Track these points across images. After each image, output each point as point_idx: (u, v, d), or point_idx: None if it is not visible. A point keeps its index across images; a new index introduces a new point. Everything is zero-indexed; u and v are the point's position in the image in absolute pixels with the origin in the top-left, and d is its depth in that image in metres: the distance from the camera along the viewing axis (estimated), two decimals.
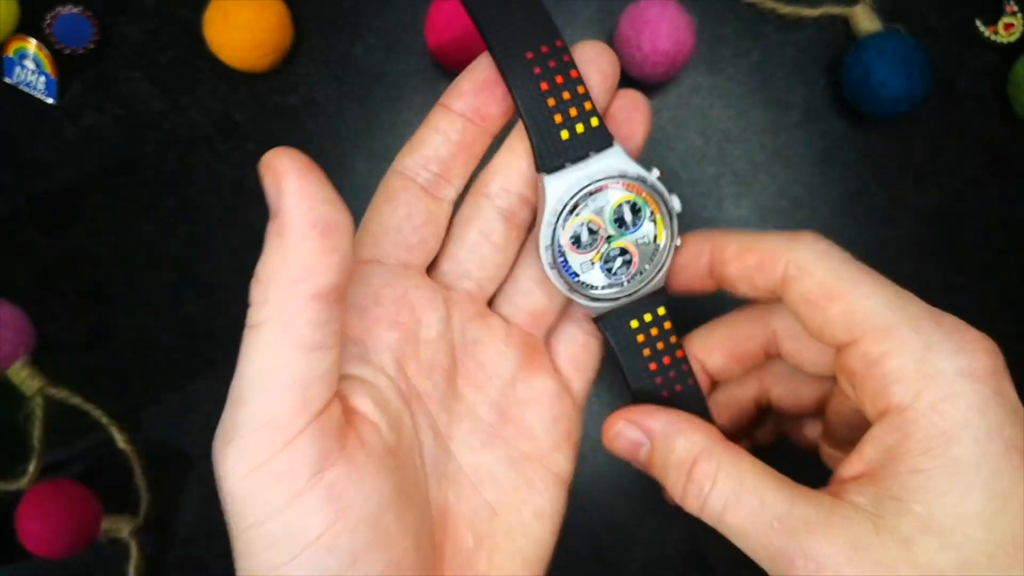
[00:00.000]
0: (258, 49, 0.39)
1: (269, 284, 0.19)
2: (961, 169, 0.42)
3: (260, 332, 0.19)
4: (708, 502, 0.23)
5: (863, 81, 0.39)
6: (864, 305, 0.22)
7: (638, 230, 0.27)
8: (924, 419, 0.20)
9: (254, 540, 0.20)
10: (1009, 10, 0.42)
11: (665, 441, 0.24)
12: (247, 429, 0.20)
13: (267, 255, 0.20)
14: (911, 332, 0.22)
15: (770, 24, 0.42)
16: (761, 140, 0.42)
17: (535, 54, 0.25)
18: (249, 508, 0.20)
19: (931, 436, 0.20)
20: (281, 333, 0.19)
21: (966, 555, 0.20)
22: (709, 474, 0.23)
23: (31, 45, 0.41)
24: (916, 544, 0.20)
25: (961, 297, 0.42)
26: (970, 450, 0.20)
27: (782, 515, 0.21)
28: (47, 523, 0.37)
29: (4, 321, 0.39)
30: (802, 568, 0.20)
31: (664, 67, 0.38)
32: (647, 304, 0.27)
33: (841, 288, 0.22)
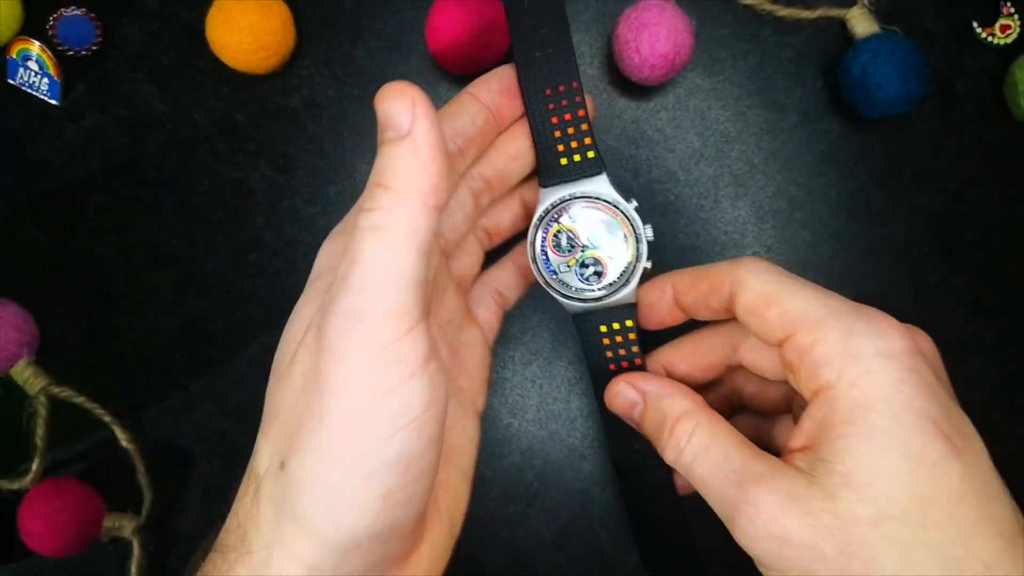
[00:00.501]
0: (260, 51, 0.39)
1: (400, 194, 0.22)
2: (959, 170, 0.42)
3: (387, 234, 0.22)
4: (683, 454, 0.27)
5: (861, 83, 0.39)
6: (795, 306, 0.26)
7: (610, 247, 0.31)
8: (846, 394, 0.24)
9: (357, 417, 0.22)
10: (1006, 11, 0.42)
11: (656, 401, 0.29)
12: (375, 315, 0.22)
13: (396, 169, 0.22)
14: (835, 323, 0.25)
15: (768, 26, 0.42)
16: (759, 141, 0.42)
17: (553, 92, 0.31)
18: (365, 385, 0.22)
19: (852, 408, 0.24)
20: (409, 237, 0.22)
21: (880, 508, 0.23)
22: (687, 430, 0.27)
23: (34, 47, 0.41)
24: (838, 497, 0.23)
25: (959, 297, 0.42)
26: (885, 418, 0.23)
27: (737, 469, 0.25)
28: (49, 522, 0.38)
29: (7, 321, 0.40)
30: (744, 513, 0.24)
31: (663, 69, 0.38)
32: (616, 315, 0.31)
33: (775, 295, 0.26)
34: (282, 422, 0.23)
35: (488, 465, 0.41)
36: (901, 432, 0.23)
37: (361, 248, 0.22)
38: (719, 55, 0.42)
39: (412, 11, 0.42)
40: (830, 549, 0.23)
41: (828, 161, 0.42)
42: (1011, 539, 0.23)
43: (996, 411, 0.42)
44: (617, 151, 0.42)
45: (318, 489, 0.22)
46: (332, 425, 0.22)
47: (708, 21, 0.42)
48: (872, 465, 0.23)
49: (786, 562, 0.24)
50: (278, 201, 0.42)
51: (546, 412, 0.42)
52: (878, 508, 0.23)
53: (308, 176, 0.42)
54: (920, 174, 0.42)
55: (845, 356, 0.24)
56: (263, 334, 0.42)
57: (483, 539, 0.41)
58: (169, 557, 0.41)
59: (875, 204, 0.42)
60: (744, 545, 0.25)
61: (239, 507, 0.24)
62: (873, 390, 0.24)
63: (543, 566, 0.41)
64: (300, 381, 0.23)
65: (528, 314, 0.42)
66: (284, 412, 0.23)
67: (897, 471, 0.23)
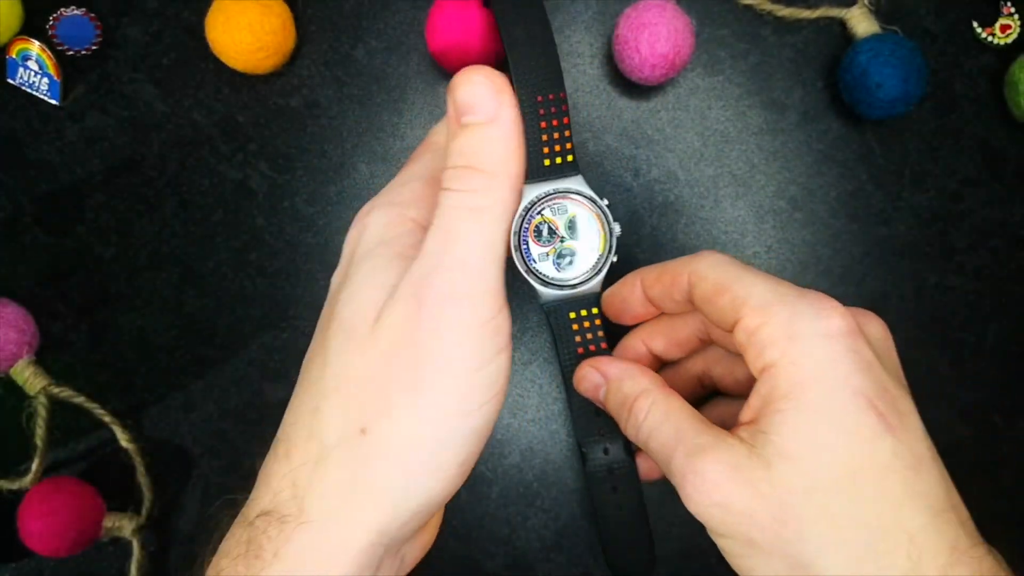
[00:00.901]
0: (260, 51, 0.39)
1: (497, 174, 0.23)
2: (957, 170, 0.42)
3: (484, 215, 0.23)
4: (640, 430, 0.29)
5: (860, 83, 0.39)
6: (744, 292, 0.27)
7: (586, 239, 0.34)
8: (786, 371, 0.25)
9: (453, 388, 0.23)
10: (1006, 11, 0.42)
11: (617, 383, 0.30)
12: (478, 293, 0.23)
13: (487, 152, 0.23)
14: (779, 306, 0.26)
15: (768, 26, 0.42)
16: (759, 141, 0.42)
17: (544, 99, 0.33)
18: (464, 359, 0.23)
19: (791, 384, 0.25)
20: (501, 219, 0.23)
21: (812, 478, 0.24)
22: (644, 408, 0.29)
23: (34, 47, 0.41)
24: (775, 467, 0.24)
25: (959, 297, 0.42)
26: (820, 394, 0.25)
27: (686, 441, 0.26)
28: (50, 521, 0.38)
29: (7, 320, 0.40)
30: (690, 482, 0.26)
31: (663, 69, 0.38)
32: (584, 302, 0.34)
33: (727, 283, 0.28)
34: (357, 390, 0.23)
35: (488, 465, 0.41)
36: (835, 407, 0.24)
37: (458, 228, 0.23)
38: (719, 55, 0.42)
39: (412, 11, 0.42)
40: (766, 516, 0.24)
41: (828, 161, 0.42)
42: (938, 512, 0.24)
43: (996, 411, 0.42)
44: (617, 151, 0.42)
45: (408, 455, 0.23)
46: (430, 395, 0.22)
47: (708, 21, 0.42)
48: (806, 438, 0.24)
49: (729, 528, 0.25)
50: (278, 201, 0.42)
51: (546, 412, 0.42)
52: (810, 479, 0.24)
53: (308, 176, 0.42)
54: (919, 174, 0.42)
55: (787, 336, 0.25)
56: (263, 334, 0.42)
57: (483, 539, 0.41)
58: (169, 557, 0.41)
59: (875, 204, 0.42)
60: (693, 512, 0.26)
61: (296, 476, 0.23)
62: (811, 368, 0.25)
63: (543, 566, 0.41)
64: (389, 351, 0.23)
65: (528, 314, 0.42)
66: (359, 380, 0.23)
67: (829, 444, 0.24)
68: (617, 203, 0.42)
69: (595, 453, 0.36)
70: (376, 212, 0.26)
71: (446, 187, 0.23)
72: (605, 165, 0.42)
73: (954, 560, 0.23)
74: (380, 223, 0.26)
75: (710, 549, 0.42)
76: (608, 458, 0.35)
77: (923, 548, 0.23)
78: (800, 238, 0.42)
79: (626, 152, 0.42)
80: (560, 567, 0.41)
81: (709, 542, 0.43)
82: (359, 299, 0.24)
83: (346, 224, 0.42)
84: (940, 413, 0.42)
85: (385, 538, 0.23)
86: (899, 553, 0.23)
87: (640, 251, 0.42)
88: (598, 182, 0.42)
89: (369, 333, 0.23)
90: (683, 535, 0.41)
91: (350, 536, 0.22)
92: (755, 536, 0.25)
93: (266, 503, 0.23)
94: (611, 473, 0.36)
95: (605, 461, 0.35)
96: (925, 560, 0.23)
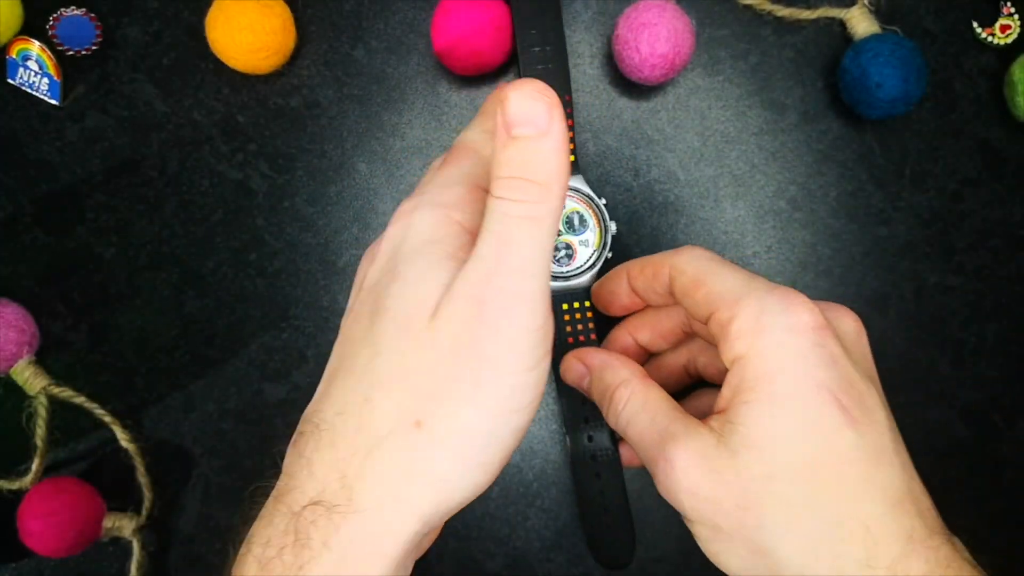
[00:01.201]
0: (260, 51, 0.39)
1: (551, 186, 0.24)
2: (957, 170, 0.42)
3: (540, 224, 0.24)
4: (619, 418, 0.30)
5: (860, 83, 0.39)
6: (718, 287, 0.28)
7: (582, 234, 0.37)
8: (753, 364, 0.26)
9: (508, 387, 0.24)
10: (1006, 11, 0.42)
11: (599, 373, 0.32)
12: (534, 297, 0.24)
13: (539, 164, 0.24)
14: (751, 300, 0.27)
15: (768, 26, 0.42)
16: (759, 141, 0.42)
17: None
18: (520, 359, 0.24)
19: (757, 376, 0.26)
20: (553, 228, 0.24)
21: (773, 467, 0.25)
22: (623, 397, 0.30)
23: (34, 47, 0.41)
24: (739, 455, 0.26)
25: (959, 297, 0.42)
26: (785, 387, 0.26)
27: (660, 430, 0.28)
28: (50, 521, 0.38)
29: (8, 320, 0.40)
30: (662, 468, 0.27)
31: (663, 69, 0.38)
32: (576, 295, 0.37)
33: (703, 278, 0.29)
34: (414, 383, 0.23)
35: None
36: (799, 400, 0.25)
37: (514, 235, 0.24)
38: (719, 55, 0.42)
39: (412, 11, 0.42)
40: (729, 503, 0.25)
41: (828, 161, 0.42)
42: (896, 503, 0.25)
43: (996, 411, 0.42)
44: (617, 151, 0.42)
45: (461, 448, 0.23)
46: (487, 392, 0.23)
47: (708, 21, 0.42)
48: (770, 428, 0.25)
49: (697, 514, 0.27)
50: (278, 201, 0.42)
51: (546, 412, 0.42)
52: (772, 467, 0.25)
53: (308, 176, 0.42)
54: (919, 174, 0.42)
55: (755, 330, 0.26)
56: (263, 334, 0.42)
57: (483, 539, 0.41)
58: (169, 557, 0.41)
59: (875, 204, 0.42)
60: (665, 498, 0.27)
61: (345, 466, 0.23)
62: (777, 361, 0.26)
63: (543, 566, 0.41)
64: (448, 347, 0.23)
65: None
66: (417, 373, 0.23)
67: (791, 435, 0.25)
68: (617, 203, 0.42)
69: (580, 440, 0.37)
70: (421, 211, 0.26)
71: (499, 196, 0.24)
72: (605, 165, 0.42)
73: (909, 549, 0.24)
74: (427, 222, 0.26)
75: None
76: (592, 445, 0.37)
77: (878, 537, 0.24)
78: (800, 238, 0.42)
79: (626, 152, 0.42)
80: (560, 567, 0.41)
81: None
82: (413, 294, 0.24)
83: (346, 224, 0.42)
84: (940, 413, 0.42)
85: (427, 527, 0.23)
86: (855, 541, 0.24)
87: (640, 251, 0.42)
88: (598, 182, 0.42)
89: (426, 328, 0.24)
90: (683, 535, 0.41)
91: (400, 526, 0.23)
92: (720, 522, 0.26)
93: (313, 493, 0.23)
94: (594, 460, 0.37)
95: (589, 448, 0.37)
96: (880, 549, 0.24)
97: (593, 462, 0.37)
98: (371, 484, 0.23)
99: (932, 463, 0.42)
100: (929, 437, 0.42)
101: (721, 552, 0.27)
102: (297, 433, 0.25)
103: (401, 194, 0.42)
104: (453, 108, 0.42)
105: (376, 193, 0.42)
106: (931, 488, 0.27)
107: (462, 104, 0.42)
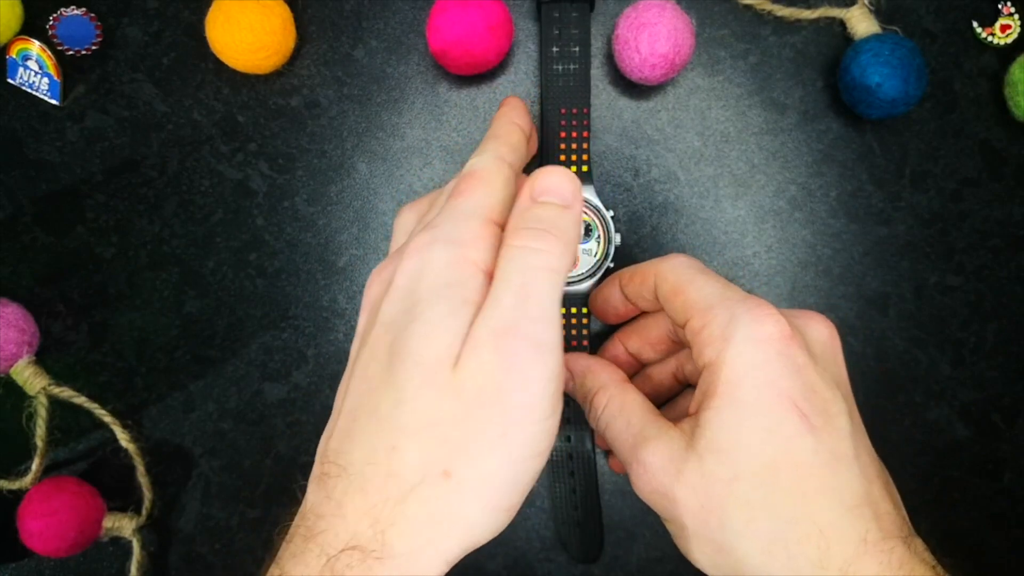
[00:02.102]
0: (260, 51, 0.39)
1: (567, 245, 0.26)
2: (957, 170, 0.42)
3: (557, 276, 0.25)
4: (599, 421, 0.31)
5: (860, 83, 0.39)
6: (695, 295, 0.30)
7: (587, 243, 0.38)
8: (720, 371, 0.27)
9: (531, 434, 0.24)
10: (1006, 11, 0.42)
11: (581, 378, 0.33)
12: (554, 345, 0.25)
13: (563, 226, 0.26)
14: (722, 309, 0.28)
15: (768, 26, 0.42)
16: (759, 141, 0.42)
17: (567, 111, 0.38)
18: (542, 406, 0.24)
19: (723, 383, 0.27)
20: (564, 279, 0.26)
21: (736, 470, 0.26)
22: (602, 402, 0.31)
23: (34, 47, 0.41)
24: (704, 459, 0.27)
25: (959, 297, 0.42)
26: (748, 394, 0.27)
27: (635, 433, 0.29)
28: (49, 522, 0.38)
29: (8, 320, 0.40)
30: (635, 470, 0.29)
31: (663, 69, 0.38)
32: (575, 301, 0.38)
33: (682, 286, 0.30)
34: (441, 433, 0.24)
35: None
36: (761, 407, 0.27)
37: (534, 285, 0.25)
38: (719, 55, 0.42)
39: (412, 11, 0.42)
40: (695, 503, 0.27)
41: (828, 161, 0.42)
42: (851, 508, 0.26)
43: (996, 411, 0.42)
44: (617, 151, 0.42)
45: (487, 495, 0.24)
46: (512, 441, 0.24)
47: (708, 21, 0.42)
48: (733, 433, 0.27)
49: (667, 514, 0.28)
50: (278, 201, 0.42)
51: None
52: (734, 470, 0.26)
53: (308, 176, 0.42)
54: (919, 174, 0.42)
55: (723, 338, 0.28)
56: (263, 334, 0.42)
57: None
58: (169, 557, 0.41)
59: (875, 204, 0.42)
60: (640, 496, 0.29)
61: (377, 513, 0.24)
62: (741, 369, 0.27)
63: (543, 566, 0.41)
64: (473, 397, 0.24)
65: None
66: (443, 423, 0.24)
67: (753, 440, 0.26)
68: (617, 203, 0.42)
69: (559, 439, 0.39)
70: (438, 248, 0.26)
71: (522, 244, 0.25)
72: (605, 165, 0.42)
73: (862, 551, 0.25)
74: (443, 261, 0.26)
75: None
76: (570, 445, 0.38)
77: (831, 539, 0.25)
78: (800, 238, 0.42)
79: (626, 152, 0.42)
80: (560, 567, 0.41)
81: None
82: (434, 341, 0.25)
83: (346, 224, 0.42)
84: (940, 413, 0.42)
85: (450, 567, 0.25)
86: (809, 543, 0.25)
87: (640, 251, 0.42)
88: (598, 182, 0.42)
89: (450, 378, 0.24)
90: None
91: (429, 569, 0.24)
92: (687, 522, 0.27)
93: (346, 537, 0.24)
94: (571, 459, 0.39)
95: (567, 448, 0.38)
96: (833, 551, 0.25)
97: (569, 461, 0.39)
98: (404, 531, 0.24)
99: (932, 463, 0.42)
100: (929, 437, 0.42)
101: (692, 550, 0.28)
102: (321, 472, 0.26)
103: (401, 194, 0.42)
104: (453, 108, 0.42)
105: (376, 193, 0.42)
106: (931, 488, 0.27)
107: (462, 104, 0.42)
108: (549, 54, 0.39)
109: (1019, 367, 0.42)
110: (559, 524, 0.40)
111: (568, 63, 0.39)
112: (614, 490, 0.41)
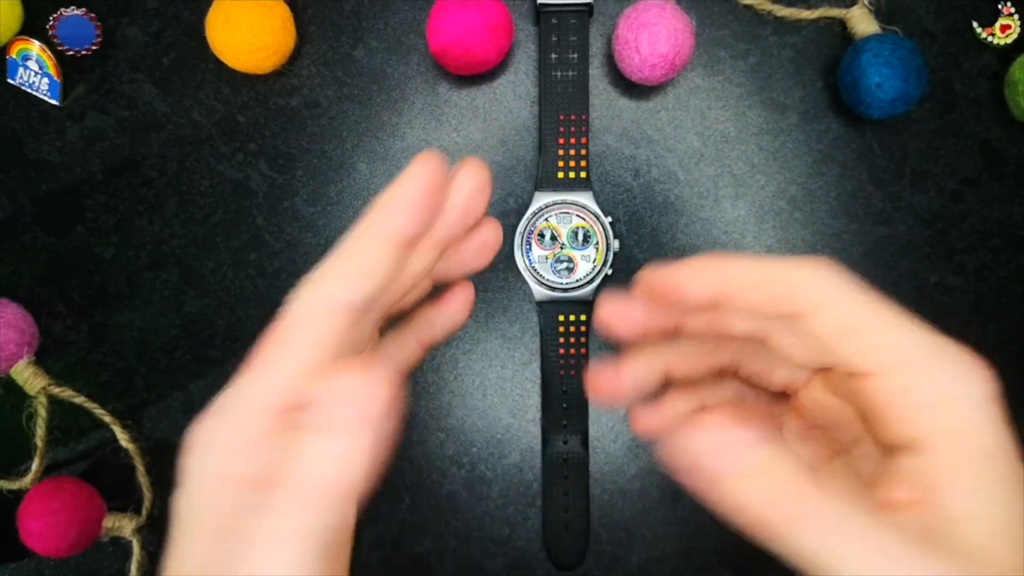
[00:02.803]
0: (260, 51, 0.39)
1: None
2: (957, 170, 0.42)
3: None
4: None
5: (860, 83, 0.39)
6: (884, 340, 0.23)
7: (584, 249, 0.38)
8: (953, 448, 0.22)
9: None
10: (1006, 11, 0.42)
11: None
12: None
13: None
14: (930, 362, 0.23)
15: (768, 26, 0.42)
16: (759, 141, 0.42)
17: (566, 117, 0.39)
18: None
19: (961, 462, 0.22)
20: None
21: (993, 570, 0.21)
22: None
23: (34, 47, 0.41)
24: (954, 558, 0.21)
25: (959, 297, 0.42)
26: (995, 474, 0.22)
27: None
28: (50, 521, 0.38)
29: (8, 320, 0.40)
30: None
31: (663, 69, 0.38)
32: (574, 308, 0.38)
33: (861, 323, 0.23)
34: None
35: (488, 465, 0.41)
36: (1009, 488, 0.22)
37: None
38: (719, 55, 0.42)
39: (412, 11, 0.42)
40: None
41: (828, 161, 0.42)
42: None
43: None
44: (617, 151, 0.42)
45: None
46: None
47: (708, 21, 0.42)
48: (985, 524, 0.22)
49: None
50: (278, 201, 0.42)
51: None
52: (991, 570, 0.21)
53: (308, 176, 0.42)
54: (919, 174, 0.42)
55: (947, 402, 0.22)
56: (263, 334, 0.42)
57: (483, 539, 0.41)
58: None
59: (875, 204, 0.42)
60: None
61: None
62: (980, 443, 0.22)
63: (543, 566, 0.41)
64: None
65: (528, 315, 0.42)
66: None
67: (1007, 533, 0.22)
68: (617, 203, 0.42)
69: (555, 442, 0.39)
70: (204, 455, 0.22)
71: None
72: (605, 165, 0.42)
73: None
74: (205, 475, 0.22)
75: (710, 549, 0.42)
76: (566, 448, 0.39)
77: None
78: (800, 238, 0.42)
79: (626, 152, 0.42)
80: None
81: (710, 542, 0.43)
82: None
83: (346, 224, 0.42)
84: None
85: None
86: None
87: (640, 251, 0.42)
88: (598, 183, 0.42)
89: None
90: (683, 535, 0.41)
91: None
92: None
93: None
94: (565, 462, 0.39)
95: (563, 450, 0.39)
96: None
97: (564, 464, 0.39)
98: None
99: None
100: None
101: None
102: None
103: None
104: (453, 108, 0.42)
105: (376, 193, 0.42)
106: None
107: (462, 104, 0.42)
108: (548, 60, 0.39)
109: (1019, 367, 0.42)
110: (547, 525, 0.41)
111: (567, 69, 0.39)
112: (614, 490, 0.41)
